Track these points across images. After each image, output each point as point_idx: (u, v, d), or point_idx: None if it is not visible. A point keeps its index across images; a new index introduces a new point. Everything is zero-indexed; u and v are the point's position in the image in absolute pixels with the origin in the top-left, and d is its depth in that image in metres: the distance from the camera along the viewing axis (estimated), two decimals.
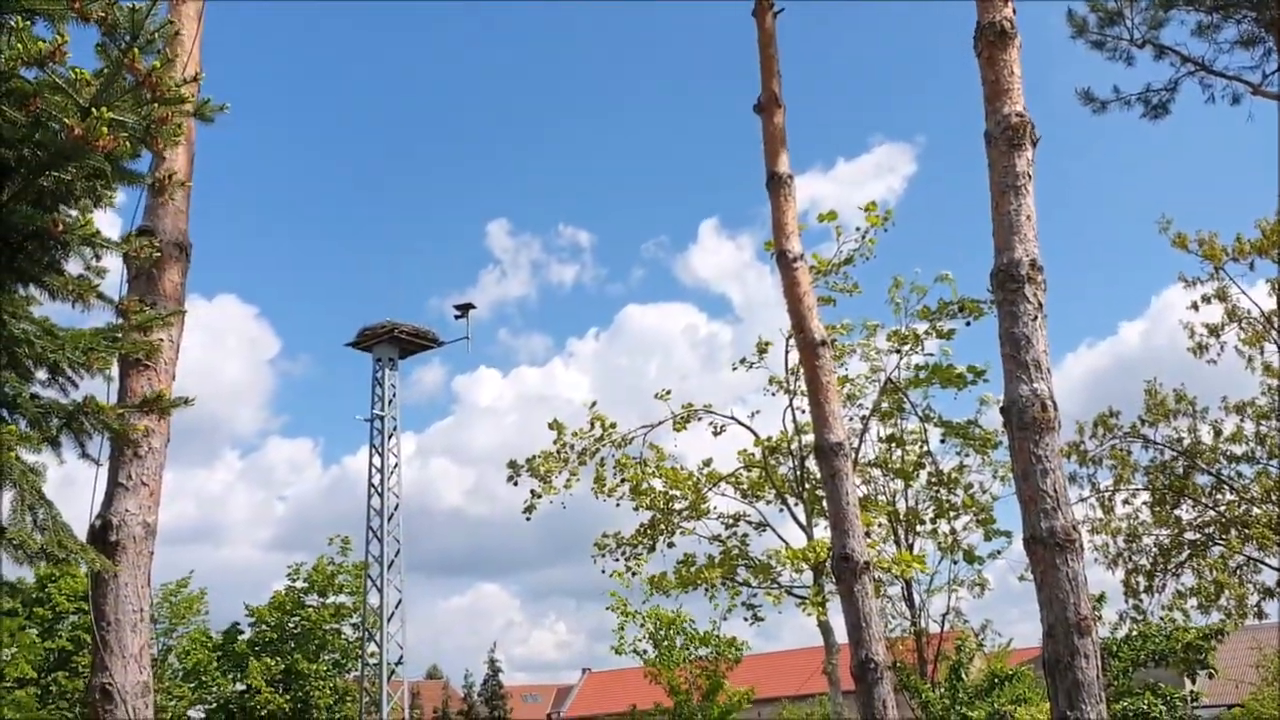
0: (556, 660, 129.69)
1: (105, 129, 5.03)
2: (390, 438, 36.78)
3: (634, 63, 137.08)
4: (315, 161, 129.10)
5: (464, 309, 38.37)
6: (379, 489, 36.13)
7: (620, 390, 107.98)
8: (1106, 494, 23.40)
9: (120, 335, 6.87)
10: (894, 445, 17.71)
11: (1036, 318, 9.23)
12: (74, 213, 5.55)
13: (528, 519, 17.96)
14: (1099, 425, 23.85)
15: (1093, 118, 16.62)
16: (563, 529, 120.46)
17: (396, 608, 34.82)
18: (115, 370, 8.16)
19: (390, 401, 37.28)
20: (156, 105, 5.42)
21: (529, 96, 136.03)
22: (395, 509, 35.99)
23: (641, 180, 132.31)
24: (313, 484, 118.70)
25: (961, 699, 17.10)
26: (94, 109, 5.05)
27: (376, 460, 36.58)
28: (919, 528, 17.72)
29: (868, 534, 17.89)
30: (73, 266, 6.26)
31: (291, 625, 39.59)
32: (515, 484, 17.92)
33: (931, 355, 16.49)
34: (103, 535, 8.32)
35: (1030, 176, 9.76)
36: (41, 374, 6.64)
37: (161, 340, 8.22)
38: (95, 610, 8.58)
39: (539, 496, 17.87)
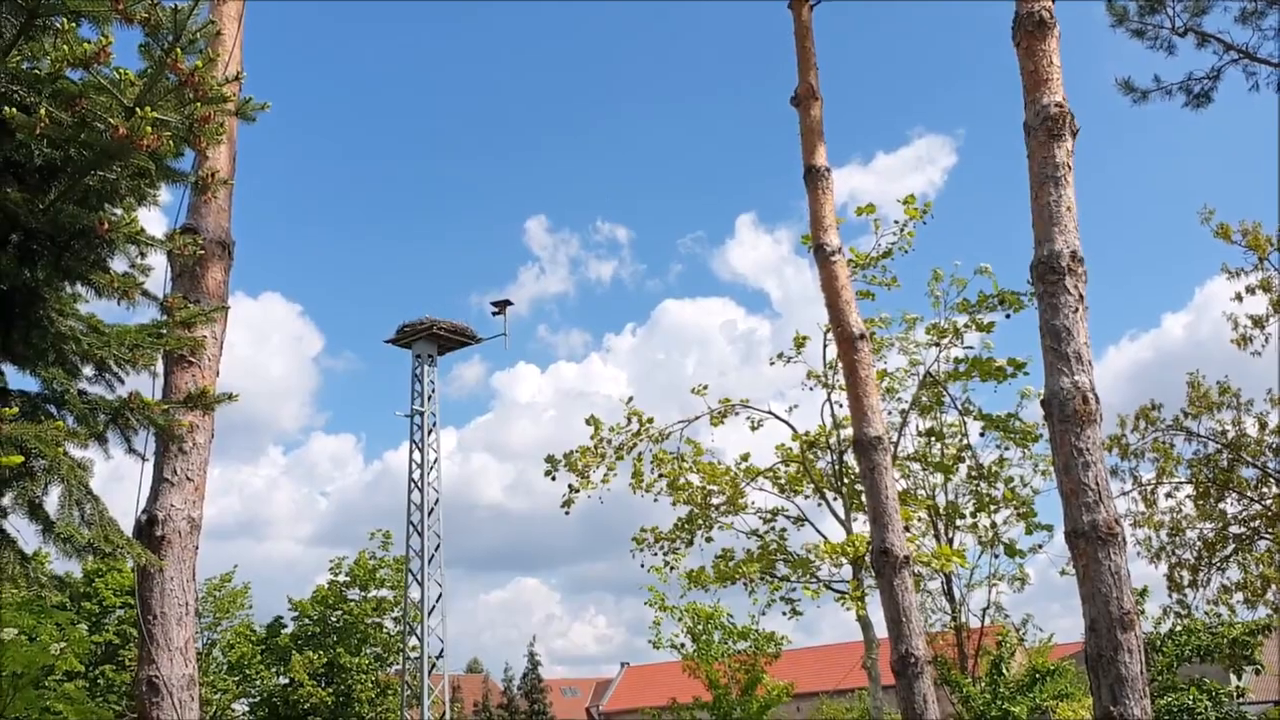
0: (596, 654, 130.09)
1: (149, 128, 5.11)
2: (430, 433, 37.06)
3: (671, 58, 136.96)
4: (356, 160, 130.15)
5: (501, 305, 38.53)
6: (419, 484, 36.37)
7: (658, 385, 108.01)
8: (1149, 487, 23.16)
9: (165, 332, 6.96)
10: (933, 439, 17.58)
11: (1077, 309, 9.16)
12: (119, 211, 5.62)
13: (566, 513, 18.07)
14: (1140, 418, 23.57)
15: (1133, 108, 16.42)
16: (603, 524, 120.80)
17: (437, 602, 35.07)
18: (160, 367, 8.26)
19: (429, 397, 37.51)
20: (199, 104, 5.49)
21: (567, 93, 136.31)
22: (435, 503, 36.23)
23: (678, 176, 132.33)
24: (355, 479, 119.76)
25: (1003, 694, 16.96)
26: (138, 108, 5.13)
27: (416, 455, 36.85)
28: (959, 522, 17.59)
29: (907, 528, 17.80)
30: (118, 264, 6.36)
31: (334, 619, 39.95)
32: (553, 479, 18.01)
33: (971, 348, 16.40)
34: (149, 530, 8.41)
35: (1070, 167, 9.68)
36: (88, 370, 6.75)
37: (205, 337, 8.33)
38: (141, 604, 8.70)
39: (576, 491, 17.92)
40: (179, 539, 8.60)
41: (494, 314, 38.42)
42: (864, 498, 18.04)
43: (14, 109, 5.02)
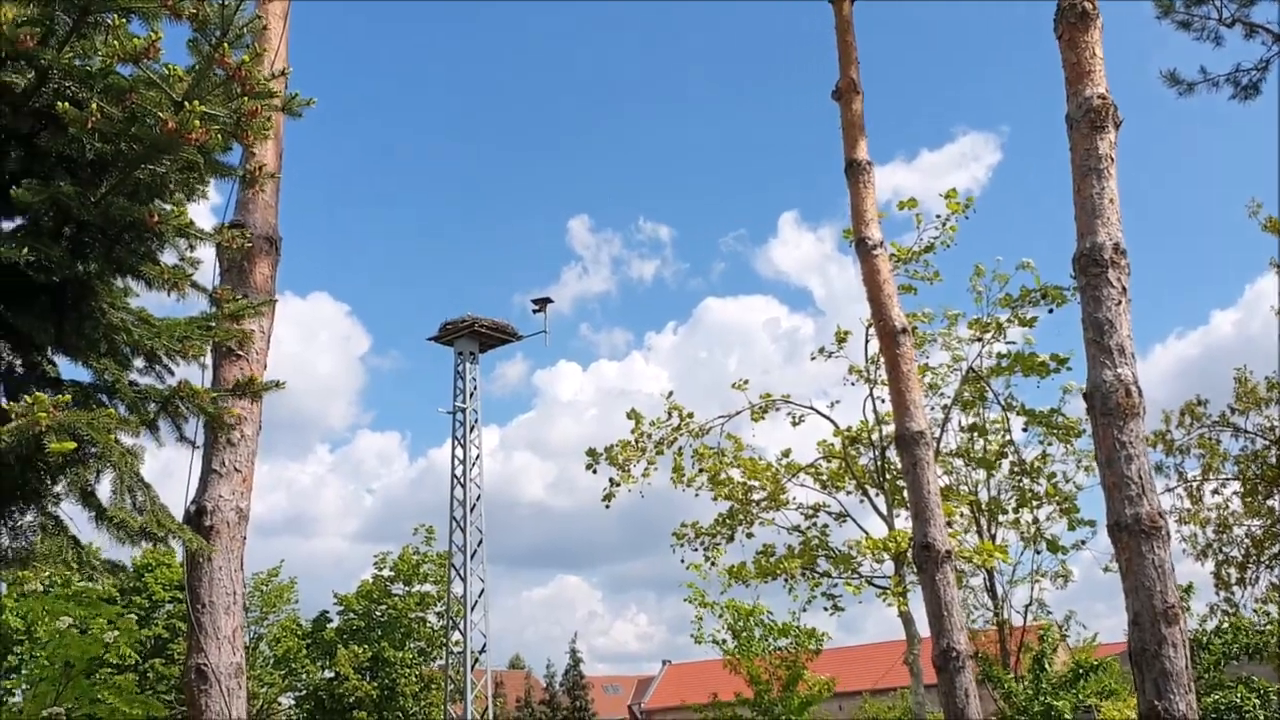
0: (638, 652, 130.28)
1: (197, 122, 5.21)
2: (471, 430, 37.26)
3: (714, 56, 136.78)
4: (402, 161, 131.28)
5: (541, 303, 38.66)
6: (461, 480, 36.61)
7: (700, 384, 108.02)
8: (1194, 483, 22.83)
9: (213, 325, 7.08)
10: (976, 435, 17.45)
11: (1120, 302, 9.09)
12: (168, 206, 5.73)
13: (607, 507, 18.13)
14: (1186, 414, 23.22)
15: (1179, 100, 16.21)
16: (644, 521, 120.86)
17: (479, 597, 35.27)
18: (209, 359, 8.40)
19: (471, 394, 37.73)
20: (246, 99, 5.60)
21: (610, 92, 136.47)
22: (477, 500, 36.45)
23: (721, 174, 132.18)
24: (400, 476, 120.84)
25: (1045, 690, 16.81)
26: (186, 103, 5.24)
27: (459, 452, 37.13)
28: (1001, 518, 17.45)
29: (949, 524, 17.71)
30: (168, 258, 6.48)
31: (378, 614, 40.31)
32: (594, 472, 18.10)
33: (1014, 343, 16.26)
34: (197, 520, 8.56)
35: (1113, 159, 9.61)
36: (139, 362, 6.88)
37: (253, 330, 8.46)
38: (190, 593, 8.85)
39: (617, 485, 17.98)
40: (227, 529, 8.75)
41: (534, 311, 38.63)
42: (906, 493, 18.03)
43: (66, 104, 5.14)
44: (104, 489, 6.31)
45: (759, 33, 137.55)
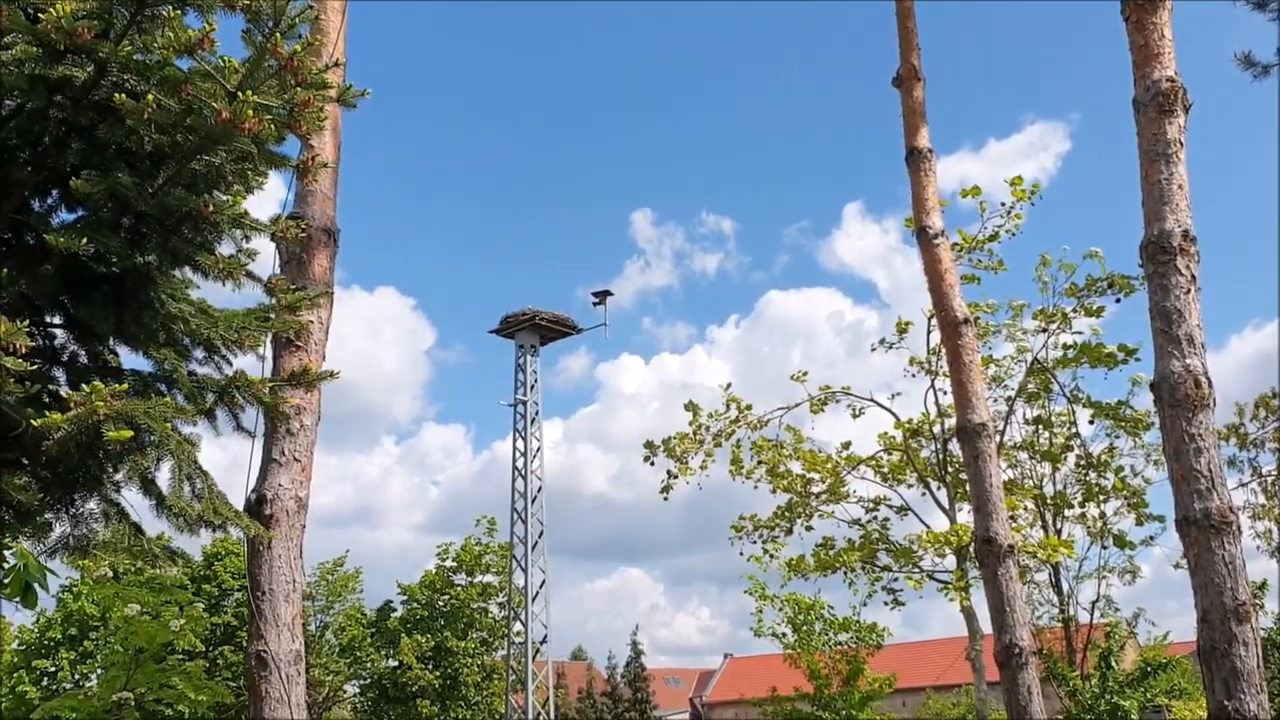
0: (700, 645, 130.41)
1: (250, 112, 5.25)
2: (532, 422, 37.43)
3: (776, 46, 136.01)
4: (466, 154, 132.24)
5: (601, 296, 38.66)
6: (522, 472, 36.81)
7: (762, 377, 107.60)
8: (1269, 478, 22.19)
9: (271, 315, 7.15)
10: (1041, 427, 17.15)
11: (1189, 291, 8.87)
12: (225, 197, 5.79)
13: (665, 499, 18.13)
14: (1260, 407, 22.59)
15: (1254, 84, 15.72)
16: (706, 514, 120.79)
17: (540, 588, 35.47)
18: (268, 351, 8.49)
19: (532, 387, 37.89)
20: (299, 90, 5.63)
21: (672, 84, 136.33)
22: (538, 491, 36.64)
23: (783, 165, 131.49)
24: (464, 468, 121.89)
25: (1112, 688, 16.45)
26: (239, 93, 5.28)
27: (519, 444, 37.31)
28: (1067, 512, 17.13)
29: (1013, 518, 17.45)
30: (225, 249, 6.55)
31: (441, 604, 40.71)
32: (652, 464, 18.09)
33: (1081, 334, 15.91)
34: (257, 509, 8.66)
35: (1182, 144, 9.37)
36: (198, 352, 6.97)
37: (311, 322, 8.54)
38: (251, 581, 8.97)
39: (675, 477, 17.96)
40: (286, 518, 8.85)
41: (595, 304, 38.63)
42: (967, 486, 17.79)
43: (124, 95, 5.20)
44: (164, 477, 6.41)
45: (823, 21, 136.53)
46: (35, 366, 5.02)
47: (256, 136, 5.43)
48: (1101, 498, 16.29)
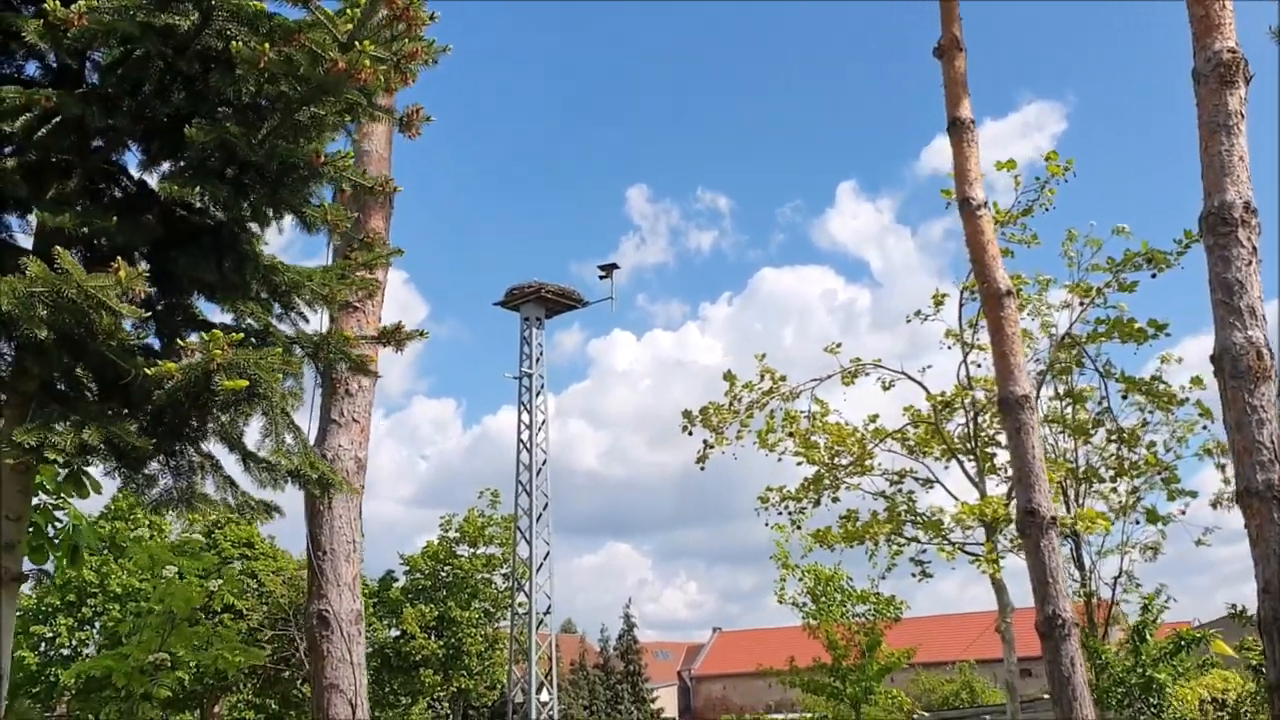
0: (687, 620, 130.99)
1: (367, 62, 5.20)
2: (538, 395, 37.49)
3: (774, 25, 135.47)
4: (457, 131, 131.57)
5: (608, 269, 38.73)
6: (527, 445, 36.87)
7: (755, 354, 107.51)
8: None
9: (347, 273, 7.09)
10: (1072, 401, 17.18)
11: (1250, 262, 8.86)
12: (336, 147, 5.72)
13: (701, 468, 18.12)
14: None
15: None
16: (697, 491, 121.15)
17: (544, 560, 35.60)
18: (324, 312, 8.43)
19: (537, 359, 37.92)
20: (407, 40, 5.57)
21: (669, 60, 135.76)
22: (543, 464, 36.71)
23: (779, 142, 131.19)
24: (454, 443, 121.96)
25: (1144, 661, 16.56)
26: (355, 43, 5.22)
27: (525, 417, 37.34)
28: (1098, 486, 17.19)
29: None
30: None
31: (444, 574, 40.79)
32: (690, 433, 18.08)
33: (1115, 309, 15.92)
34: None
35: (1243, 115, 9.34)
36: (275, 308, 6.92)
37: (380, 280, 8.51)
38: (312, 541, 8.97)
39: (711, 447, 17.97)
40: (346, 478, 8.83)
41: (601, 277, 38.75)
42: (1008, 457, 17.84)
43: (239, 44, 5.13)
44: (250, 432, 6.36)
45: (819, 2, 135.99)
46: (149, 314, 4.98)
47: (364, 87, 5.38)
48: (1134, 473, 16.36)
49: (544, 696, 34.62)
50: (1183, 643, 17.20)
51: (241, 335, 5.13)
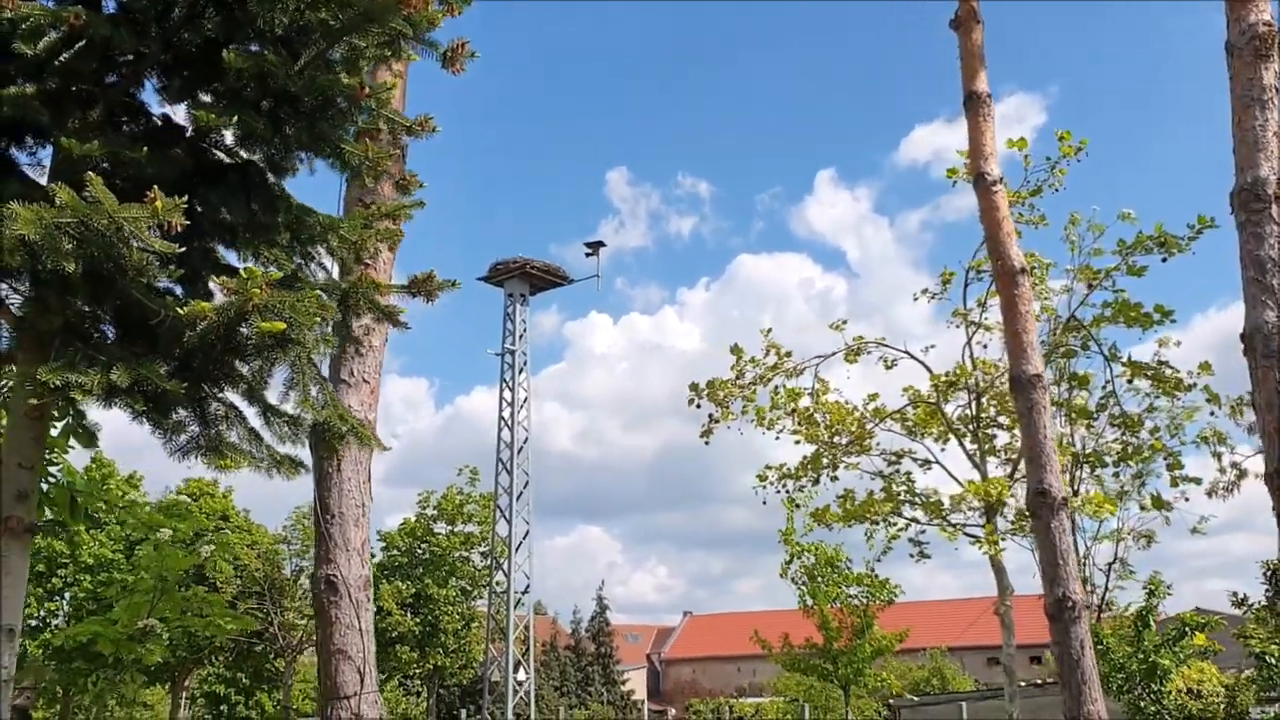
0: (656, 603, 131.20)
1: None
2: (520, 372, 37.19)
3: (754, 11, 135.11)
4: (436, 108, 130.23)
5: (595, 246, 38.41)
6: (509, 422, 36.58)
7: (731, 340, 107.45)
8: None
9: (371, 221, 6.78)
10: (1077, 385, 17.08)
11: None
12: (383, 79, 5.41)
13: (706, 443, 17.96)
14: None
15: None
16: (671, 474, 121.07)
17: (524, 539, 35.35)
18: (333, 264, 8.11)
19: (521, 336, 37.59)
20: None
21: (652, 44, 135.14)
22: (524, 442, 36.46)
23: (760, 128, 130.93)
24: (426, 422, 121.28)
25: (1147, 647, 16.52)
26: None
27: (507, 394, 37.03)
28: (1100, 471, 17.13)
29: None
30: None
31: (421, 551, 40.45)
32: (698, 407, 17.88)
33: (1119, 293, 15.79)
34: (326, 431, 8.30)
35: (1277, 90, 9.19)
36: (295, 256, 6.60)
37: (403, 232, 8.20)
38: (320, 505, 8.69)
39: (716, 421, 17.78)
40: (356, 440, 8.54)
41: (587, 255, 38.40)
42: (1006, 440, 17.81)
43: None
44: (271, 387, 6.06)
45: None
46: (183, 250, 4.68)
47: (413, 16, 5.09)
48: (1138, 458, 16.27)
49: (520, 675, 34.42)
50: (1186, 628, 17.18)
51: (281, 275, 4.83)
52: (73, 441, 6.85)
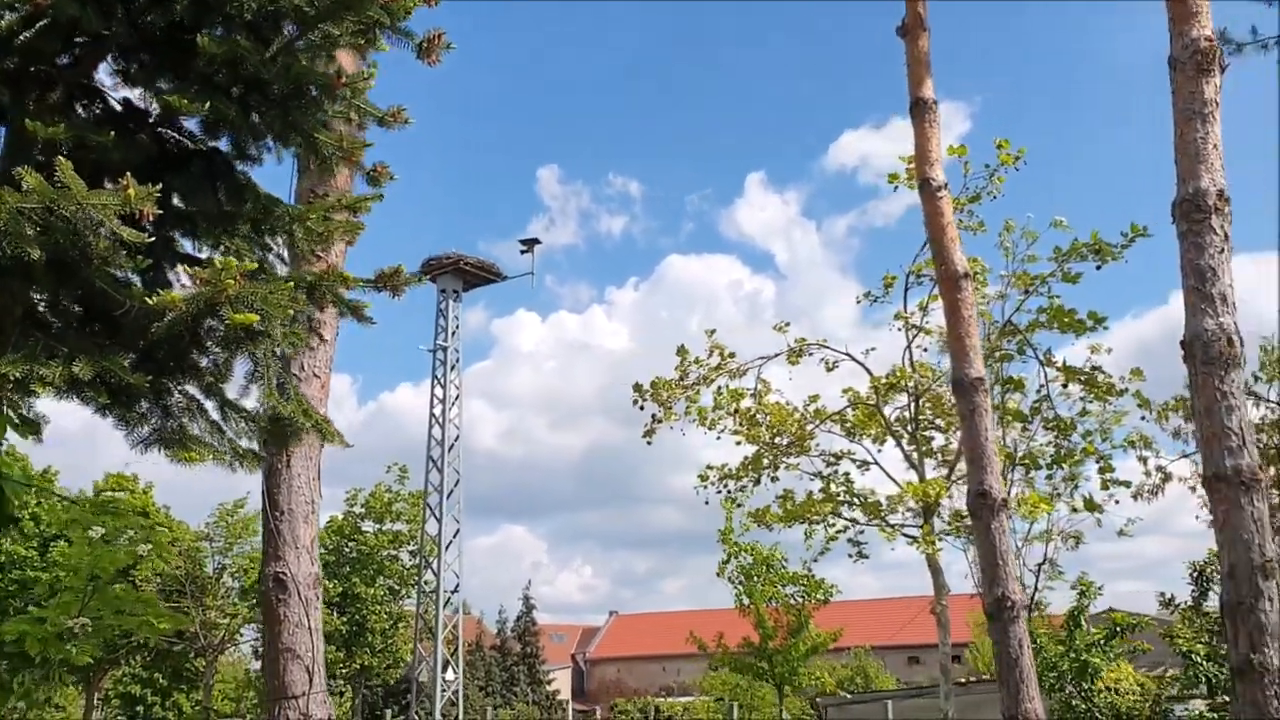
0: (580, 603, 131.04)
1: None
2: (452, 369, 36.85)
3: (691, 14, 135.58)
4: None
5: (529, 244, 38.19)
6: (440, 420, 36.24)
7: (660, 341, 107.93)
8: None
9: (331, 214, 6.64)
10: (1012, 388, 17.39)
11: (1223, 250, 8.96)
12: (363, 67, 5.31)
13: (649, 443, 17.96)
14: None
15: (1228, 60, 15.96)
16: (597, 475, 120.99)
17: (454, 537, 35.07)
18: (287, 255, 7.96)
19: (454, 333, 37.25)
20: None
21: (588, 39, 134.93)
22: (455, 440, 36.14)
23: (690, 129, 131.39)
24: (350, 418, 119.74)
25: (1078, 646, 16.89)
26: None
27: (439, 391, 36.66)
28: (1034, 473, 17.48)
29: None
30: None
31: (348, 549, 39.93)
32: (641, 408, 17.87)
33: (1057, 298, 16.12)
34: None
35: (1218, 104, 9.45)
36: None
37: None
38: (269, 501, 8.53)
39: (660, 421, 17.79)
40: (306, 435, 8.39)
41: (522, 252, 38.18)
42: (942, 442, 18.09)
43: None
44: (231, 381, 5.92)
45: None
46: (152, 239, 4.54)
47: (388, 6, 4.99)
48: (1070, 461, 16.60)
49: (449, 675, 34.11)
50: (1118, 628, 17.60)
51: (256, 265, 4.71)
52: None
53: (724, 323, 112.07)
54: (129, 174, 4.32)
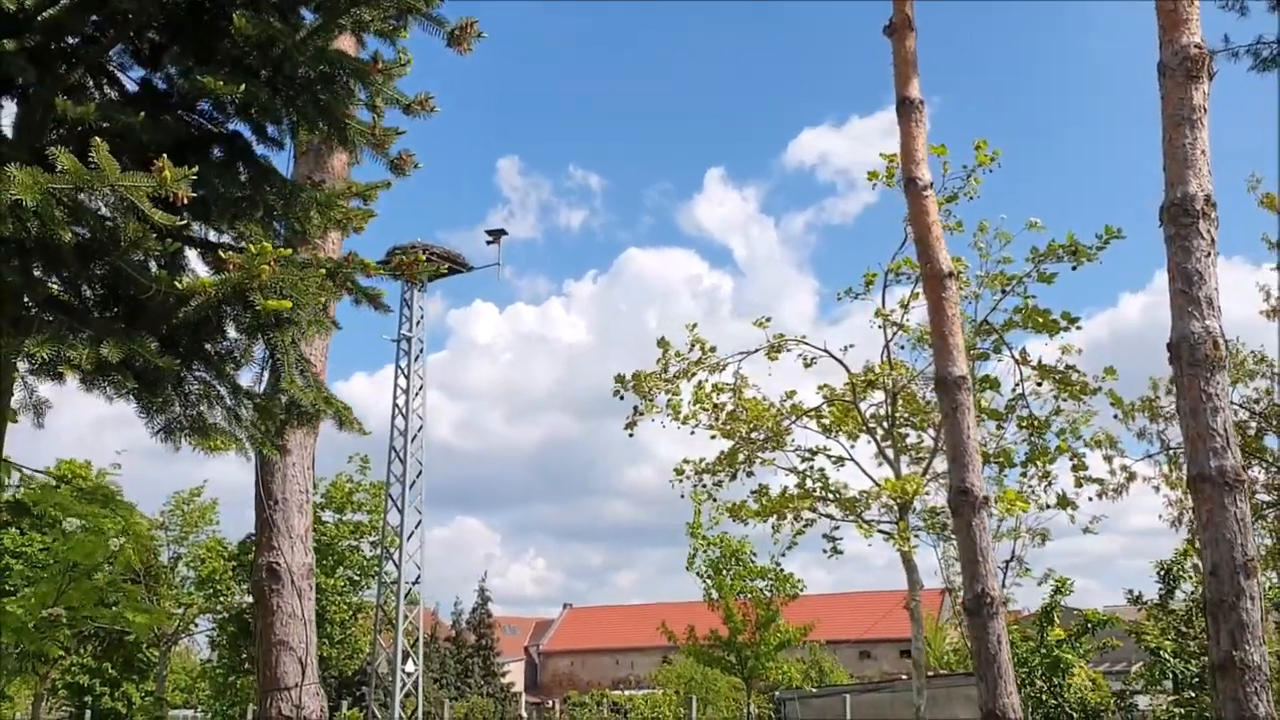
0: (534, 596, 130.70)
1: None
2: (416, 359, 36.59)
3: (651, 10, 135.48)
4: None
5: (496, 235, 37.99)
6: (403, 410, 35.98)
7: (617, 334, 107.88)
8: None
9: (340, 201, 6.59)
10: (987, 387, 17.56)
11: (1209, 254, 9.12)
12: (394, 54, 5.25)
13: (630, 435, 17.96)
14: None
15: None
16: (552, 468, 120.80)
17: (416, 528, 34.82)
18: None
19: (418, 323, 36.97)
20: None
21: (548, 30, 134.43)
22: (419, 430, 35.91)
23: (650, 123, 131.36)
24: None
25: (1049, 642, 17.12)
26: None
27: (402, 381, 36.40)
28: (1005, 471, 17.64)
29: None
30: None
31: None
32: (621, 399, 17.84)
33: (1032, 298, 16.31)
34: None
35: (1206, 110, 9.60)
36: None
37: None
38: (263, 490, 8.44)
39: (641, 414, 17.78)
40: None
41: (488, 243, 37.96)
42: (915, 439, 18.23)
43: None
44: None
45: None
46: (183, 223, 4.47)
47: None
48: (1044, 459, 16.80)
49: (409, 667, 33.92)
50: (1089, 625, 17.86)
51: (289, 251, 4.65)
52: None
53: (682, 317, 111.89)
54: (165, 156, 4.24)
